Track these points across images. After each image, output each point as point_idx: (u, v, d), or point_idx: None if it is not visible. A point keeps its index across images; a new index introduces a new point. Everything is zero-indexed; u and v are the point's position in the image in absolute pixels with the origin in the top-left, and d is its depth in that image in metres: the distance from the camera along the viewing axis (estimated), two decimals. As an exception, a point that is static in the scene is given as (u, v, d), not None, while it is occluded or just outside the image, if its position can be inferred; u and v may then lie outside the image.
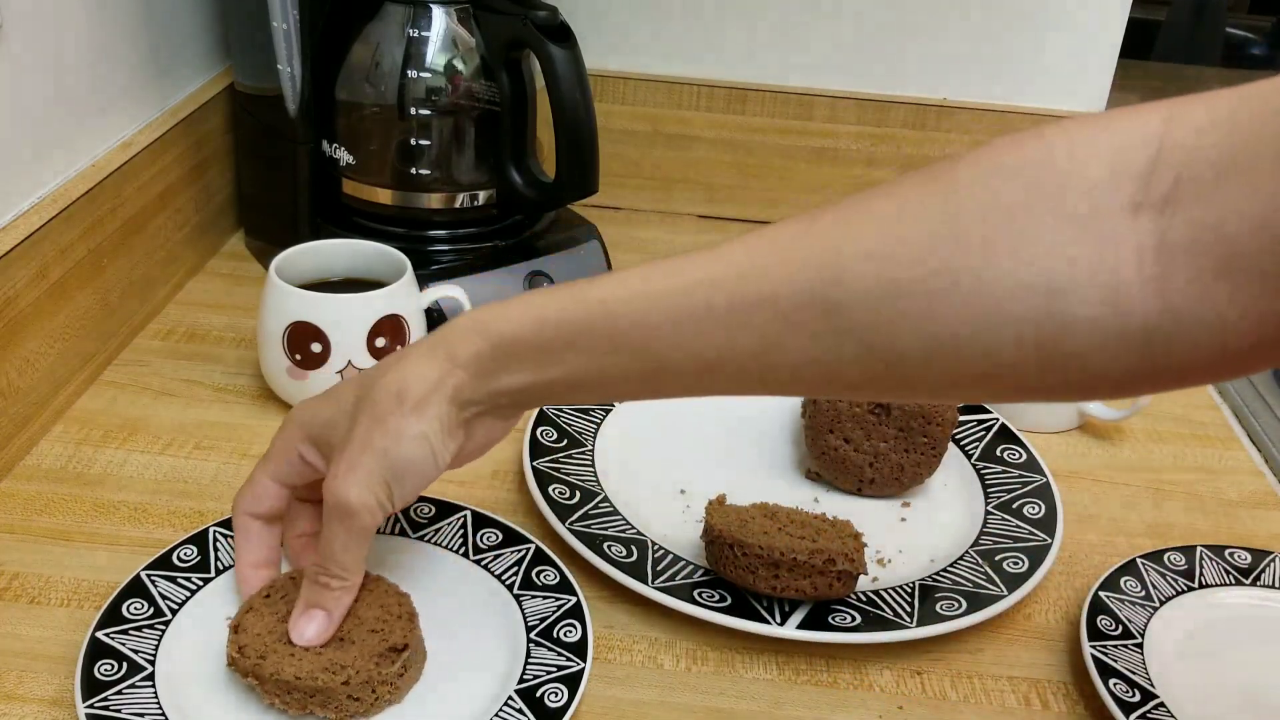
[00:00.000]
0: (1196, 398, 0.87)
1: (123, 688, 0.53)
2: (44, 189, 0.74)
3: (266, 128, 0.88)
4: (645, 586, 0.62)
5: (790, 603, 0.62)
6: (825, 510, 0.67)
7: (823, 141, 1.06)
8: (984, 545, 0.67)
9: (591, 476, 0.71)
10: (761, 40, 1.04)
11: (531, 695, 0.55)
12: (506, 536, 0.65)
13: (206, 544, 0.62)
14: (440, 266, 0.84)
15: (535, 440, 0.73)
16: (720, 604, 0.61)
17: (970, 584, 0.64)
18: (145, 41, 0.86)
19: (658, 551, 0.65)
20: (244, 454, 0.73)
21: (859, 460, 0.71)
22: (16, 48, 0.70)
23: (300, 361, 0.73)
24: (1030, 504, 0.70)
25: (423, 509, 0.66)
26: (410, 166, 0.85)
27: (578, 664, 0.56)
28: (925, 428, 0.70)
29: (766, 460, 0.76)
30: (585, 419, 0.76)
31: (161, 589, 0.59)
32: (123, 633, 0.56)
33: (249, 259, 0.96)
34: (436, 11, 0.82)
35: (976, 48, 1.03)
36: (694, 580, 0.63)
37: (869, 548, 0.65)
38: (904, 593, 0.63)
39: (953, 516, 0.71)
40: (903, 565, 0.67)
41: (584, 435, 0.75)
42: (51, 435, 0.73)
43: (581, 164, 0.82)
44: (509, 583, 0.62)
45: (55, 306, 0.73)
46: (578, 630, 0.58)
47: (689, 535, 0.67)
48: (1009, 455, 0.75)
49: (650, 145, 1.07)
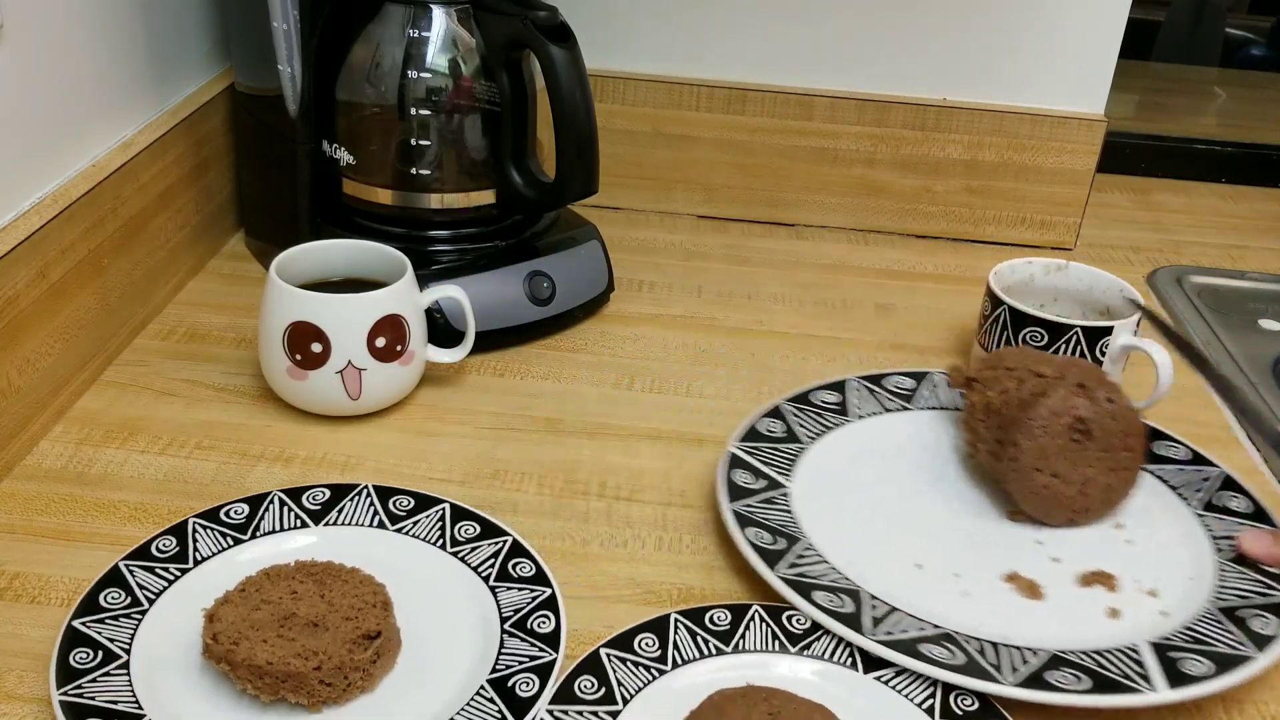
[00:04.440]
0: (1196, 398, 0.87)
1: (97, 675, 0.54)
2: (44, 189, 0.74)
3: (266, 128, 0.88)
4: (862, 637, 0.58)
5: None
6: (1051, 550, 0.68)
7: (823, 141, 1.06)
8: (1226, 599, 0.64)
9: (790, 520, 0.68)
10: (761, 40, 1.04)
11: (503, 685, 0.55)
12: (484, 529, 0.65)
13: (185, 535, 0.63)
14: (440, 266, 0.84)
15: (731, 483, 0.69)
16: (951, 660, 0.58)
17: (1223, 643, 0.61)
18: (145, 42, 0.86)
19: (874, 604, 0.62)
20: (244, 454, 0.73)
21: (1069, 492, 0.69)
22: (16, 48, 0.70)
23: (300, 361, 0.73)
24: (1234, 498, 0.71)
25: (402, 501, 0.67)
26: (410, 166, 0.85)
27: (550, 654, 0.57)
28: (1125, 440, 0.69)
29: (962, 508, 0.72)
30: (777, 456, 0.73)
31: (140, 579, 0.60)
32: (99, 622, 0.57)
33: (249, 259, 0.96)
34: (436, 12, 0.82)
35: (976, 48, 1.03)
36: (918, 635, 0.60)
37: (1121, 580, 0.66)
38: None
39: (1165, 530, 0.70)
40: (1170, 595, 0.65)
41: (782, 475, 0.72)
42: (52, 435, 0.73)
43: (582, 164, 0.82)
44: (485, 574, 0.62)
45: (55, 306, 0.73)
46: (551, 621, 0.59)
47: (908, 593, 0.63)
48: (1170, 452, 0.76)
49: (650, 145, 1.08)
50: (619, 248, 0.97)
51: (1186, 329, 0.97)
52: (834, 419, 0.78)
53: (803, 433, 0.76)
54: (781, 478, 0.71)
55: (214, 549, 0.63)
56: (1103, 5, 1.01)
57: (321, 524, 0.65)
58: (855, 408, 0.79)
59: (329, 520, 0.65)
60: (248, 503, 0.65)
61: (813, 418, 0.77)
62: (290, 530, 0.65)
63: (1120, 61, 1.04)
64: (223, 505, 0.65)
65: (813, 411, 0.78)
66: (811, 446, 0.75)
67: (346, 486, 0.67)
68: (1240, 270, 1.09)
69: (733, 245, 1.06)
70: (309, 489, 0.67)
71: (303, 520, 0.65)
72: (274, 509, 0.65)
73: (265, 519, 0.65)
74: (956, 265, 1.05)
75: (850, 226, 1.10)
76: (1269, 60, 1.85)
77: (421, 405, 0.79)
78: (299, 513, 0.65)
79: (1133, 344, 0.80)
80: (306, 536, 0.64)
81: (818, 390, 0.80)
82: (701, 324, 0.92)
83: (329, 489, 0.67)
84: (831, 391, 0.80)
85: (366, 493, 0.67)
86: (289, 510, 0.65)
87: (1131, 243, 1.14)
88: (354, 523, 0.66)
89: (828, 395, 0.79)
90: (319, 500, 0.66)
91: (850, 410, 0.79)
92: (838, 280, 1.01)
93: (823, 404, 0.79)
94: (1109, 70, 1.04)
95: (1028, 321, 0.80)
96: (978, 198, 1.08)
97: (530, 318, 0.86)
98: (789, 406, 0.78)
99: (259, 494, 0.66)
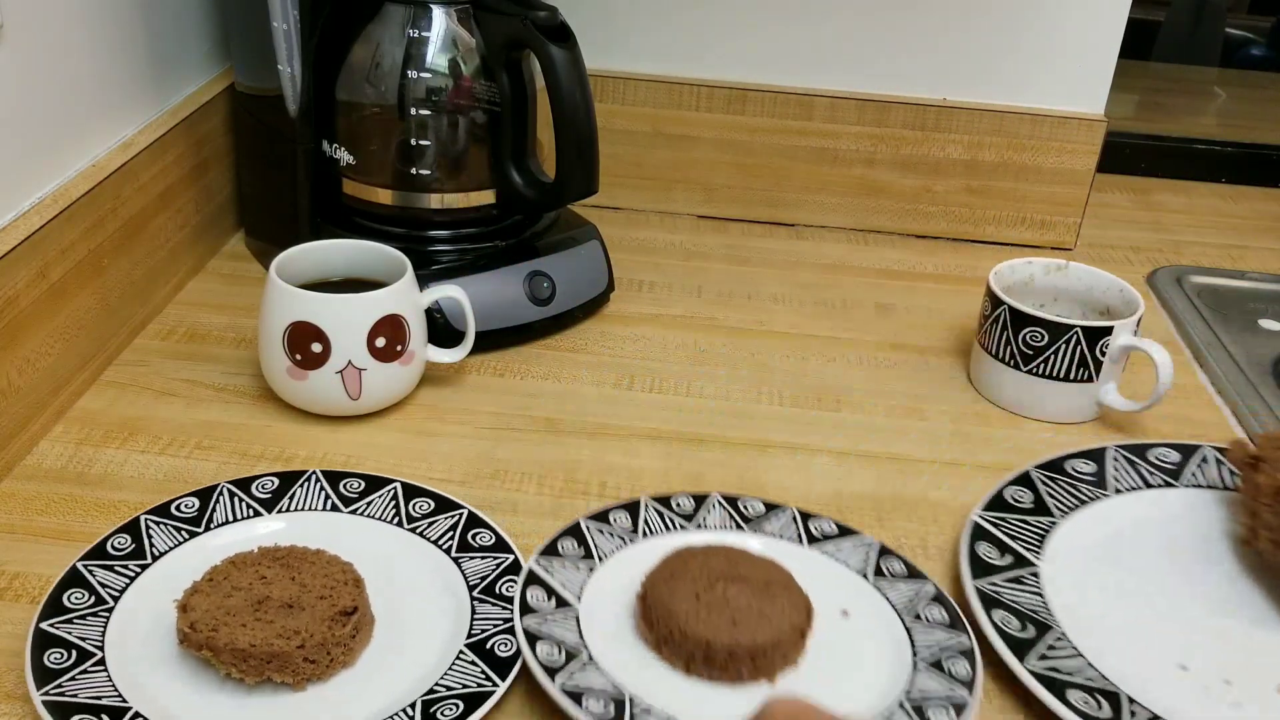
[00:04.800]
0: (1196, 398, 0.87)
1: (75, 674, 0.54)
2: (44, 189, 0.74)
3: (266, 128, 0.88)
4: None
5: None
6: None
7: (823, 141, 1.06)
8: None
9: (1041, 604, 0.62)
10: (761, 40, 1.04)
11: (481, 647, 0.57)
12: (438, 504, 0.66)
13: (139, 532, 0.63)
14: (440, 266, 0.84)
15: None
16: None
17: None
18: (145, 42, 0.86)
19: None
20: (244, 454, 0.73)
21: None
22: (16, 48, 0.70)
23: (300, 361, 0.73)
24: None
25: (352, 484, 0.68)
26: (410, 166, 0.85)
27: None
28: None
29: (1236, 604, 0.65)
30: (1026, 530, 0.68)
31: (100, 578, 0.60)
32: (67, 622, 0.57)
33: (249, 259, 0.96)
34: (436, 12, 0.82)
35: (976, 48, 1.03)
36: None
37: None
38: None
39: None
40: None
41: (1030, 552, 0.66)
42: (52, 435, 0.73)
43: (582, 164, 0.82)
44: (446, 547, 0.63)
45: (55, 306, 0.73)
46: (518, 585, 0.60)
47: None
48: None
49: (650, 145, 1.08)
50: (619, 248, 0.97)
51: (1187, 328, 0.97)
52: (1089, 491, 0.72)
53: (1054, 505, 0.70)
54: (1030, 554, 0.66)
55: (170, 543, 0.63)
56: (1103, 5, 1.01)
57: (275, 511, 0.66)
58: (1114, 480, 0.73)
59: (281, 507, 0.66)
60: (197, 496, 0.66)
61: (1065, 489, 0.72)
62: (245, 520, 0.65)
63: (1120, 61, 1.04)
64: (172, 500, 0.65)
65: (1065, 482, 0.72)
66: (1063, 521, 0.69)
67: (295, 474, 0.68)
68: (1240, 270, 1.09)
69: (733, 245, 1.06)
70: (258, 478, 0.67)
71: (254, 509, 0.65)
72: (224, 500, 0.66)
73: (217, 511, 0.65)
74: (956, 265, 1.05)
75: (850, 226, 1.10)
76: (1269, 60, 1.85)
77: (421, 405, 0.79)
78: (249, 502, 0.66)
79: (1133, 344, 0.80)
80: (265, 524, 0.65)
81: (1071, 458, 0.74)
82: (701, 324, 0.92)
83: (277, 477, 0.68)
84: (1087, 461, 0.74)
85: (315, 478, 0.68)
86: (239, 500, 0.66)
87: (1131, 243, 1.14)
88: (306, 508, 0.66)
89: (1082, 465, 0.73)
90: (268, 489, 0.67)
91: (1108, 483, 0.72)
92: (838, 280, 1.01)
93: (1077, 474, 0.73)
94: (1109, 70, 1.04)
95: (1028, 321, 0.80)
96: (978, 198, 1.08)
97: (530, 318, 0.86)
98: (1039, 474, 0.72)
99: (208, 486, 0.67)
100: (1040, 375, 0.80)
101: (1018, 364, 0.81)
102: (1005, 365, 0.82)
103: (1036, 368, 0.80)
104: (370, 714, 0.54)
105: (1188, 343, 0.96)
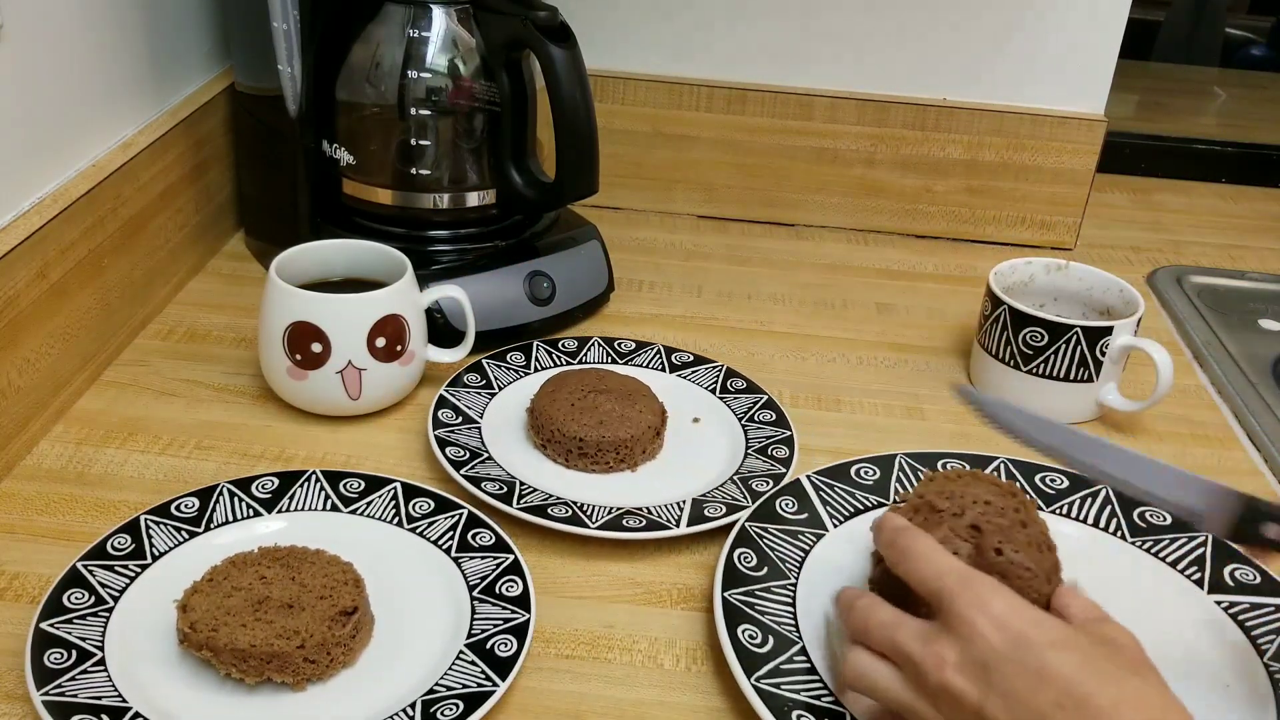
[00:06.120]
0: (1196, 398, 0.87)
1: (75, 674, 0.54)
2: (44, 189, 0.74)
3: (266, 128, 0.88)
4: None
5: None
6: None
7: (823, 141, 1.06)
8: None
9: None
10: (761, 40, 1.04)
11: (482, 647, 0.57)
12: (438, 504, 0.66)
13: (139, 532, 0.63)
14: (440, 266, 0.84)
15: None
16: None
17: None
18: (145, 41, 0.86)
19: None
20: (244, 454, 0.73)
21: None
22: (17, 48, 0.70)
23: (300, 361, 0.73)
24: None
25: (352, 484, 0.68)
26: (410, 166, 0.85)
27: (523, 615, 0.58)
28: None
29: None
30: None
31: (100, 578, 0.60)
32: (67, 622, 0.57)
33: (249, 259, 0.96)
34: (436, 12, 0.82)
35: (976, 48, 1.03)
36: None
37: None
38: None
39: None
40: None
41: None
42: (52, 435, 0.73)
43: (582, 164, 0.82)
44: (445, 546, 0.64)
45: (55, 306, 0.73)
46: (519, 585, 0.60)
47: None
48: None
49: (650, 145, 1.08)
50: (619, 248, 0.97)
51: (1187, 328, 0.97)
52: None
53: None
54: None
55: (170, 543, 0.63)
56: (1103, 5, 1.01)
57: (275, 511, 0.66)
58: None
59: (281, 507, 0.66)
60: (197, 496, 0.66)
61: None
62: (245, 520, 0.65)
63: (1120, 61, 1.04)
64: (172, 500, 0.65)
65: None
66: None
67: (295, 474, 0.68)
68: (1240, 270, 1.09)
69: (733, 245, 1.06)
70: (258, 478, 0.67)
71: (254, 509, 0.65)
72: (224, 500, 0.66)
73: (217, 510, 0.65)
74: (956, 265, 1.05)
75: (850, 226, 1.10)
76: (1269, 60, 1.85)
77: (421, 405, 0.79)
78: (249, 502, 0.66)
79: (1133, 344, 0.80)
80: (265, 524, 0.65)
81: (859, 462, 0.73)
82: (701, 324, 0.92)
83: (277, 477, 0.68)
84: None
85: (315, 478, 0.68)
86: (239, 500, 0.66)
87: (1131, 243, 1.14)
88: (306, 508, 0.66)
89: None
90: (268, 489, 0.67)
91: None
92: (837, 280, 1.01)
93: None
94: (1109, 70, 1.04)
95: (1028, 321, 0.80)
96: (978, 198, 1.08)
97: (530, 318, 0.86)
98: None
99: (208, 486, 0.67)
100: (1040, 375, 0.80)
101: (1018, 364, 0.81)
102: (1005, 365, 0.82)
103: (1036, 368, 0.80)
104: (370, 714, 0.54)
105: (1188, 343, 0.96)
